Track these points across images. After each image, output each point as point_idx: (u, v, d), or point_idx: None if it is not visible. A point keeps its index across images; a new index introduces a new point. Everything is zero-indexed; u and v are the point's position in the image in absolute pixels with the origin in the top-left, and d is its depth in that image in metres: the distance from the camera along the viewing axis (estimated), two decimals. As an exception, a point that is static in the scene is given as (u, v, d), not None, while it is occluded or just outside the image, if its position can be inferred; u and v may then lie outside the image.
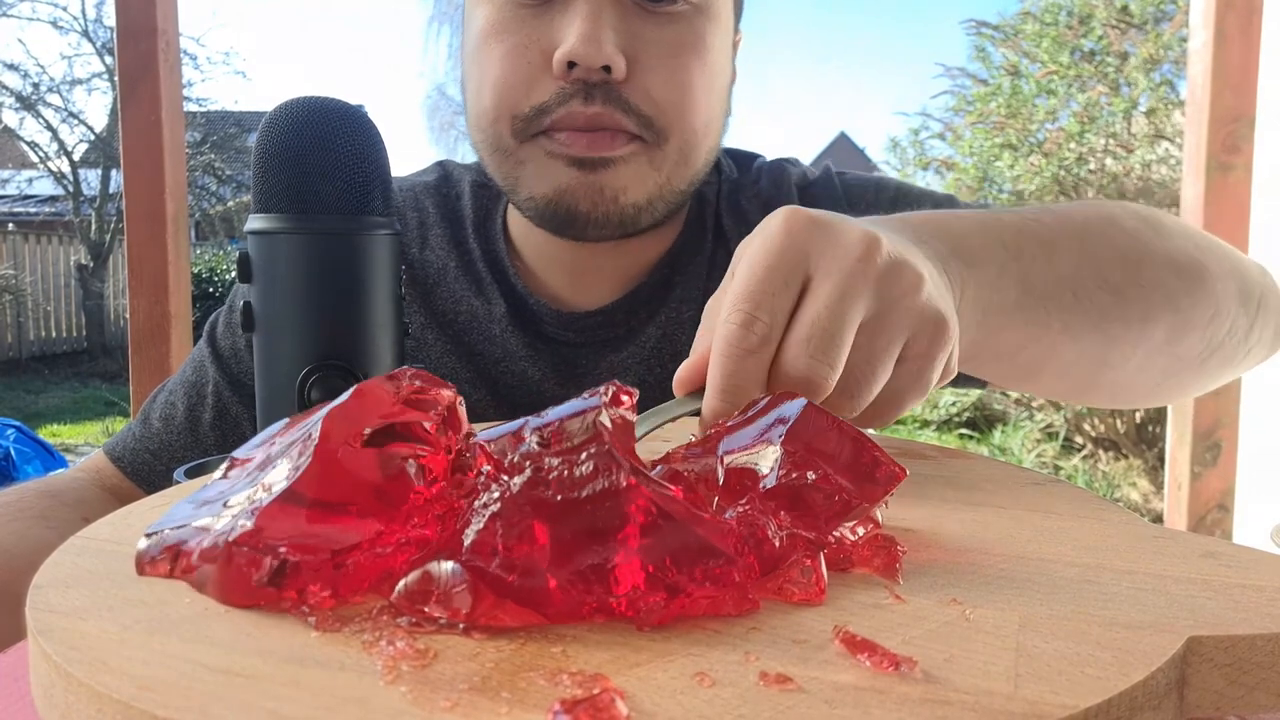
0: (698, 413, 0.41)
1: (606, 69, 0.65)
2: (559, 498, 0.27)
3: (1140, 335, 0.59)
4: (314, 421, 0.30)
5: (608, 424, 0.28)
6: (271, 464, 0.31)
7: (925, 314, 0.42)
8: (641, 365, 0.75)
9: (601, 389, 0.30)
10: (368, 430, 0.30)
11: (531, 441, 0.28)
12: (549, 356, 0.76)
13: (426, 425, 0.30)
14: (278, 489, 0.29)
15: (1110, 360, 0.60)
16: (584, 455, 0.27)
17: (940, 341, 0.42)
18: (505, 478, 0.28)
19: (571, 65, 0.65)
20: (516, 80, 0.67)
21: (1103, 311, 0.57)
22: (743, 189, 0.81)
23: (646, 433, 0.41)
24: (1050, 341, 0.56)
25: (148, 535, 0.31)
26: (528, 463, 0.28)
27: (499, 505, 0.27)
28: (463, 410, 0.32)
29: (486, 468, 0.29)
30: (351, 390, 0.31)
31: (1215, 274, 0.63)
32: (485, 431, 0.30)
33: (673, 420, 0.42)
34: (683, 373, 0.43)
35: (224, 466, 0.34)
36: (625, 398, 0.30)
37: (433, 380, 0.31)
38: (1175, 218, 0.67)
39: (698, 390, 0.42)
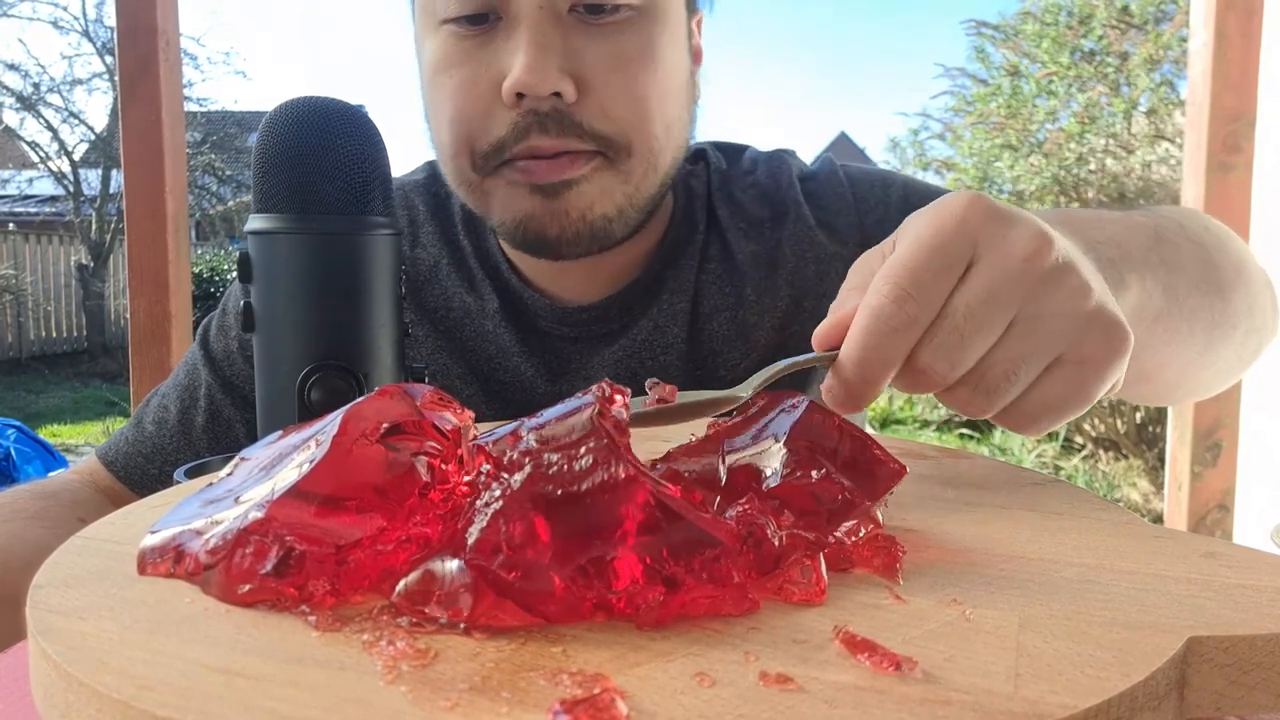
0: (827, 365, 0.40)
1: (556, 94, 0.64)
2: (559, 493, 0.27)
3: (1229, 337, 0.60)
4: (332, 418, 0.31)
5: (604, 420, 0.28)
6: (283, 460, 0.31)
7: (1095, 320, 0.40)
8: (633, 359, 0.76)
9: (595, 388, 0.30)
10: (385, 425, 0.30)
11: (530, 440, 0.28)
12: (541, 352, 0.77)
13: (442, 429, 0.31)
14: (290, 481, 0.29)
15: (1204, 362, 0.60)
16: (583, 450, 0.28)
17: (1113, 350, 0.40)
18: (505, 475, 0.28)
19: (521, 95, 0.64)
20: (471, 115, 0.67)
21: (1214, 316, 0.58)
22: (735, 180, 0.81)
23: (769, 378, 0.40)
24: (1175, 347, 0.55)
25: (153, 532, 0.31)
26: (527, 459, 0.28)
27: (500, 503, 0.27)
28: (471, 434, 0.32)
29: (486, 467, 0.29)
30: (376, 390, 0.31)
31: (1258, 281, 0.65)
32: (483, 434, 0.30)
33: (800, 368, 0.41)
34: (825, 329, 0.42)
35: (232, 464, 0.34)
36: (619, 396, 0.30)
37: (453, 401, 0.32)
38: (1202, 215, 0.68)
39: (834, 349, 0.41)
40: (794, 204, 0.78)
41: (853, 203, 0.79)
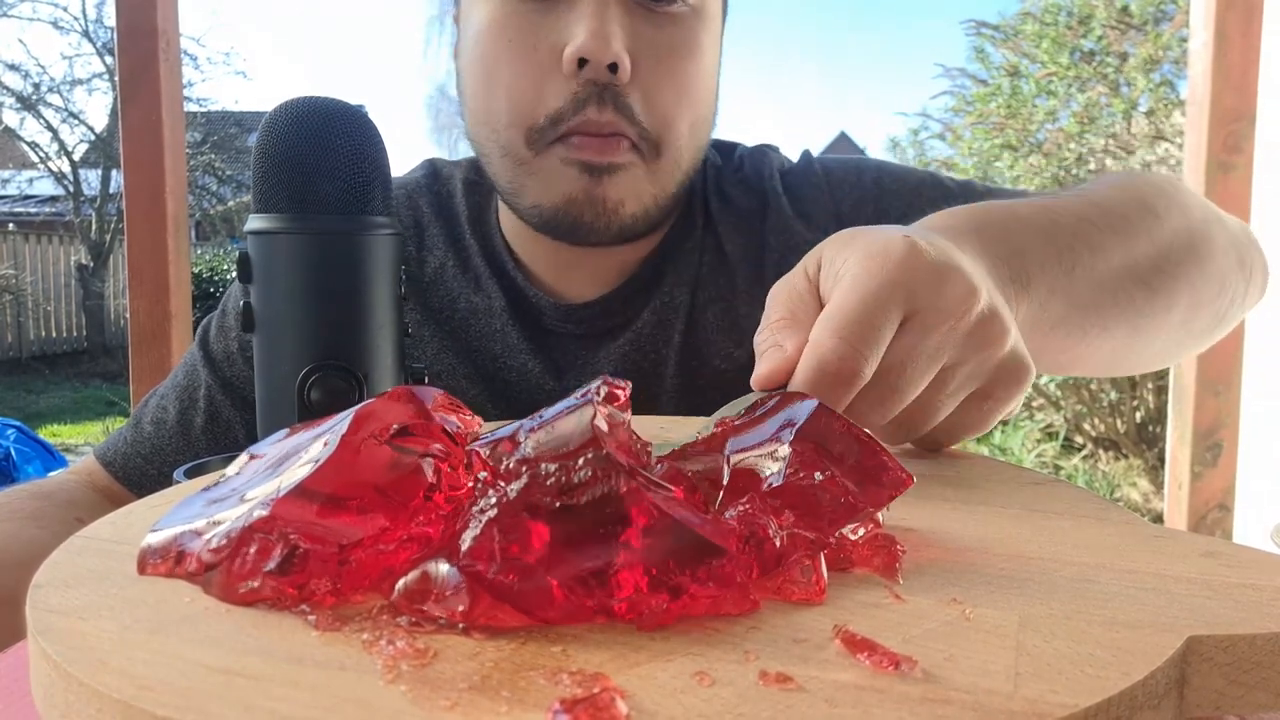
0: None
1: (613, 68, 0.65)
2: (557, 504, 0.27)
3: (1164, 322, 0.62)
4: (342, 417, 0.31)
5: (603, 425, 0.28)
6: (290, 459, 0.31)
7: (1007, 364, 0.44)
8: (637, 351, 0.77)
9: (593, 386, 0.30)
10: (395, 426, 0.30)
11: (527, 447, 0.28)
12: (548, 349, 0.77)
13: (451, 433, 0.31)
14: (296, 479, 0.29)
15: (1135, 348, 0.62)
16: (580, 461, 0.27)
17: (1018, 388, 0.44)
18: (502, 484, 0.28)
19: (582, 63, 0.65)
20: (528, 84, 0.68)
21: (1137, 308, 0.59)
22: (727, 176, 0.82)
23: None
24: (1086, 345, 0.58)
25: (154, 531, 0.31)
26: (524, 469, 0.28)
27: (496, 511, 0.27)
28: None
29: (483, 473, 0.29)
30: (387, 391, 0.32)
31: (1220, 247, 0.65)
32: (482, 436, 0.30)
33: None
34: (767, 373, 0.42)
35: (239, 462, 0.34)
36: (619, 393, 0.30)
37: (463, 406, 0.32)
38: (1183, 185, 0.69)
39: (778, 390, 0.41)
40: (773, 195, 0.80)
41: (827, 190, 0.80)
